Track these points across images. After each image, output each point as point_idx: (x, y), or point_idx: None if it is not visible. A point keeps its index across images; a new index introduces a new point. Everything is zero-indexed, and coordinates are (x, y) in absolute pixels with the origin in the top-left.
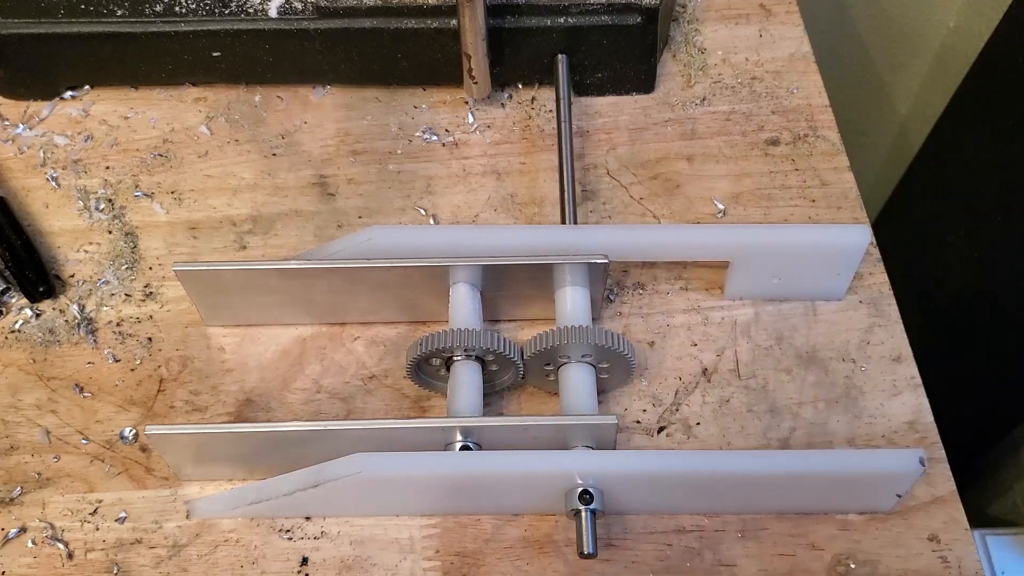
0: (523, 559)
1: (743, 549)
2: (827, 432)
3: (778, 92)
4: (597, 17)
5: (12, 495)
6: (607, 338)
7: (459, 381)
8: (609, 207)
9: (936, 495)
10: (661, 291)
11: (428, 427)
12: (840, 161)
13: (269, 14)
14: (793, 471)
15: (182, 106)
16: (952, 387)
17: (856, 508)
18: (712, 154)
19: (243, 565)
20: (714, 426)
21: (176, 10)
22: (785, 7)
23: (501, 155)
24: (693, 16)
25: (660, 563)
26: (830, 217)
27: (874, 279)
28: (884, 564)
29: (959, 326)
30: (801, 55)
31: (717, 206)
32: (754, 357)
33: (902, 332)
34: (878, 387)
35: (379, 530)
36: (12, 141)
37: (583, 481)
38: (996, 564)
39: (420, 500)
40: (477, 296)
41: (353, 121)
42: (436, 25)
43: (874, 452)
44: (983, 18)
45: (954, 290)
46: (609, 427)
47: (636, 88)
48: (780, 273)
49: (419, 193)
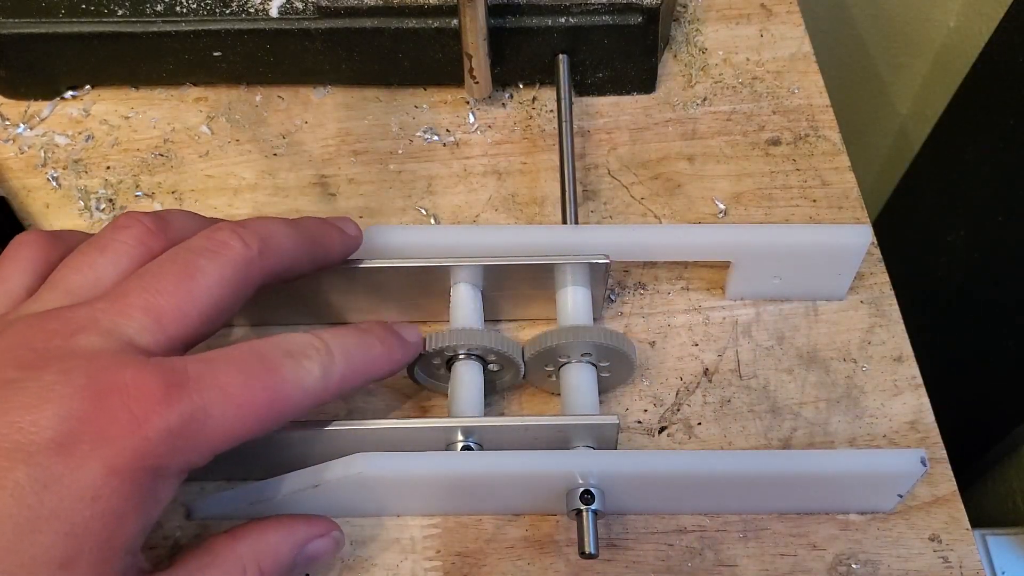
0: (524, 559)
1: (744, 549)
2: (828, 432)
3: (779, 92)
4: (598, 17)
5: None
6: (608, 337)
7: (460, 381)
8: (610, 207)
9: (937, 495)
10: (662, 291)
11: (429, 427)
12: (841, 161)
13: (270, 14)
14: (794, 471)
15: (183, 106)
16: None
17: (857, 508)
18: (713, 154)
19: None
20: (715, 426)
21: (177, 10)
22: (786, 7)
23: (502, 155)
24: (694, 16)
25: (661, 563)
26: (831, 217)
27: (875, 279)
28: (885, 564)
29: (959, 326)
30: (802, 55)
31: (718, 206)
32: (755, 357)
33: (903, 332)
34: (879, 387)
35: (380, 530)
36: (12, 141)
37: (584, 481)
38: (996, 564)
39: (421, 500)
40: (478, 296)
41: (354, 121)
42: (437, 25)
43: (875, 452)
44: (983, 18)
45: (954, 290)
46: (611, 427)
47: (637, 88)
48: (781, 273)
49: (420, 193)
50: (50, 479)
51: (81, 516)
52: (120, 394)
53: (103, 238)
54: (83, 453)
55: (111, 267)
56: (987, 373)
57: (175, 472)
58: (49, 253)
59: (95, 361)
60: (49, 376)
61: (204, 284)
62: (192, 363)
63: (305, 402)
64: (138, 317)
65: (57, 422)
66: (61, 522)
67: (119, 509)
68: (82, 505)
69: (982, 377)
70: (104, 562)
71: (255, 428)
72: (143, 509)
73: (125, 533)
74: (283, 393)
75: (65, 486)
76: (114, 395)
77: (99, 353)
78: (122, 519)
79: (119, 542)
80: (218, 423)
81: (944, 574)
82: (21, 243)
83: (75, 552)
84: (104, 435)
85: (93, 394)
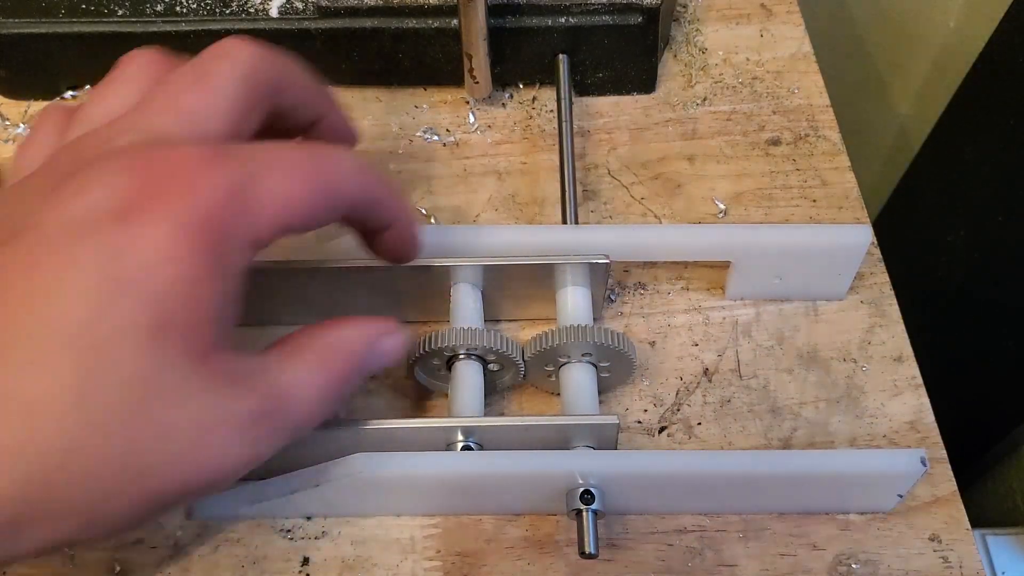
0: (524, 559)
1: (744, 549)
2: (828, 432)
3: (779, 92)
4: (598, 17)
5: None
6: (608, 337)
7: (460, 381)
8: (610, 207)
9: (937, 495)
10: (662, 291)
11: (429, 427)
12: (841, 161)
13: (270, 14)
14: (794, 471)
15: None
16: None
17: (857, 508)
18: (713, 154)
19: (244, 565)
20: (715, 426)
21: (177, 10)
22: (786, 7)
23: (502, 155)
24: (694, 16)
25: (661, 563)
26: (831, 217)
27: (875, 279)
28: (885, 564)
29: (959, 326)
30: (802, 55)
31: (718, 206)
32: (755, 357)
33: (903, 332)
34: (879, 387)
35: (380, 530)
36: (13, 141)
37: (584, 481)
38: (996, 564)
39: (421, 500)
40: (478, 296)
41: (354, 121)
42: (437, 25)
43: (875, 452)
44: (983, 18)
45: (954, 290)
46: (611, 427)
47: (637, 88)
48: (781, 273)
49: (420, 193)
50: (120, 248)
51: (158, 281)
52: (168, 163)
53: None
54: (145, 218)
55: (128, 94)
56: (987, 373)
57: (241, 241)
58: (159, 72)
59: (136, 147)
60: (93, 170)
61: (219, 82)
62: (232, 144)
63: (349, 190)
64: (168, 115)
65: (112, 196)
66: (140, 289)
67: (194, 274)
68: (157, 269)
69: (982, 377)
70: (193, 330)
71: (309, 203)
72: (219, 276)
73: (207, 300)
74: (327, 168)
75: (136, 252)
76: (162, 165)
77: (138, 143)
78: (200, 284)
79: (204, 311)
80: (270, 192)
81: (944, 574)
82: (129, 60)
83: (161, 319)
84: (161, 199)
85: (141, 167)
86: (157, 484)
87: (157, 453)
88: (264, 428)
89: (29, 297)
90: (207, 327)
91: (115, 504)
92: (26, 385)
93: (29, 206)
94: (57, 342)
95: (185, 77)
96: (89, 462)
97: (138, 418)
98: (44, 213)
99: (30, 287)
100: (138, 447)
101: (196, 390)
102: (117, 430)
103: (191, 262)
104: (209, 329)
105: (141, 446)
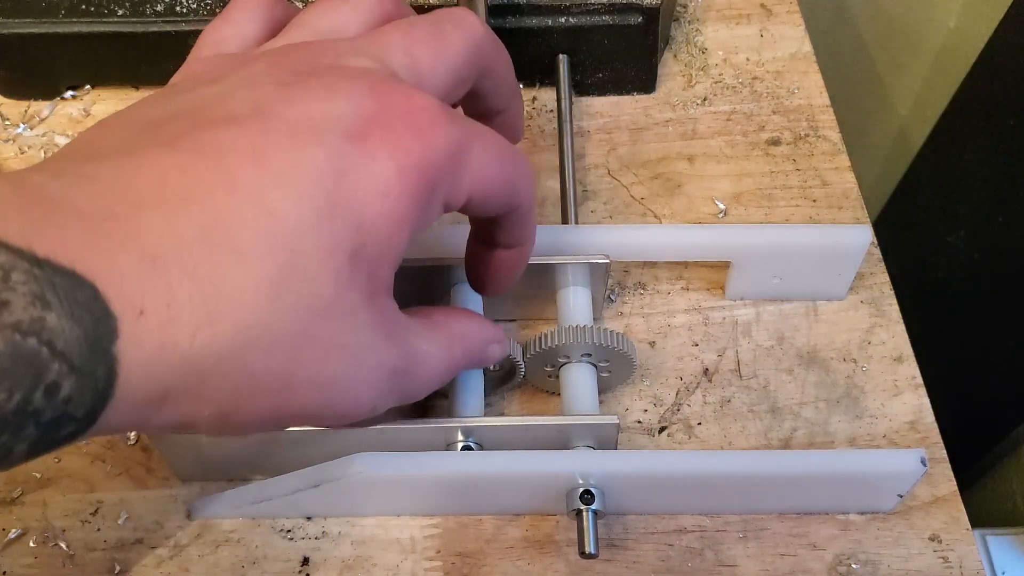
0: (524, 559)
1: (744, 549)
2: (828, 432)
3: (779, 92)
4: (598, 17)
5: (13, 495)
6: (608, 337)
7: (460, 381)
8: (610, 207)
9: (937, 495)
10: (662, 291)
11: (429, 427)
12: (841, 161)
13: None
14: (794, 471)
15: None
16: (952, 387)
17: (857, 508)
18: (713, 154)
19: (244, 565)
20: (715, 426)
21: (177, 10)
22: (786, 7)
23: None
24: (694, 16)
25: (661, 563)
26: (831, 217)
27: (875, 279)
28: (885, 564)
29: (959, 326)
30: (802, 55)
31: (718, 206)
32: (755, 357)
33: (903, 332)
34: (879, 387)
35: (380, 530)
36: (13, 141)
37: (584, 481)
38: (996, 564)
39: (421, 500)
40: (478, 296)
41: None
42: None
43: (875, 452)
44: (983, 18)
45: (954, 290)
46: (611, 427)
47: (637, 88)
48: (781, 273)
49: None
50: (346, 166)
51: (371, 211)
52: (410, 104)
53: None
54: (375, 147)
55: (355, 17)
56: (987, 373)
57: (442, 199)
58: (275, 9)
59: (373, 74)
60: (330, 77)
61: (452, 47)
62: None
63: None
64: (400, 56)
65: (350, 112)
66: (353, 213)
67: (401, 213)
68: (373, 198)
69: (982, 377)
70: (378, 268)
71: (497, 186)
72: (417, 221)
73: (399, 243)
74: (518, 162)
75: (360, 176)
76: (404, 104)
77: (373, 71)
78: (401, 225)
79: (393, 253)
80: (476, 163)
81: (944, 574)
82: None
83: (360, 246)
84: (394, 134)
85: (380, 96)
86: (300, 400)
87: (313, 371)
88: (395, 384)
89: (256, 186)
90: (388, 270)
91: (256, 406)
92: (231, 270)
93: (259, 90)
94: (269, 239)
95: (423, 30)
96: (255, 357)
97: (310, 332)
98: (281, 105)
99: (260, 174)
100: (301, 358)
101: (364, 324)
102: (289, 338)
103: (402, 204)
104: (388, 272)
105: (304, 357)
